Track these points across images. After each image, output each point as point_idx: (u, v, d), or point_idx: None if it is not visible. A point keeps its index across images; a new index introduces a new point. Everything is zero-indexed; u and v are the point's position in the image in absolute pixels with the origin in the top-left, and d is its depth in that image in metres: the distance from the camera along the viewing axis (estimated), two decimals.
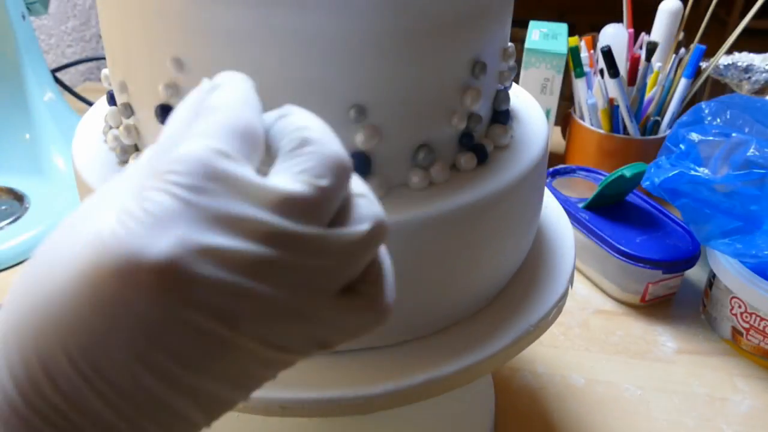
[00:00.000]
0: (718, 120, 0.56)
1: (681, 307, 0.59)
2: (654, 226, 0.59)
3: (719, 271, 0.53)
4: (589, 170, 0.68)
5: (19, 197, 0.67)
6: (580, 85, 0.72)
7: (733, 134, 0.54)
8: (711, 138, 0.54)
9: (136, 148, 0.33)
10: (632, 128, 0.70)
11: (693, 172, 0.52)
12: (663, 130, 0.70)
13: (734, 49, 0.73)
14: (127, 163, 0.33)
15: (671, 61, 0.69)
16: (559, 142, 0.84)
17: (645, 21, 0.79)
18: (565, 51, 0.71)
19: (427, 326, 0.33)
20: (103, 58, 0.33)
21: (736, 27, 0.65)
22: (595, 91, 0.70)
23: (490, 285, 0.34)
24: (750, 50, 0.77)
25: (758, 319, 0.50)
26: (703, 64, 0.71)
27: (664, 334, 0.55)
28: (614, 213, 0.61)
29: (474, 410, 0.46)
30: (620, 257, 0.56)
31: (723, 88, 0.79)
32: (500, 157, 0.33)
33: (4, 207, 0.66)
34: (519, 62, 0.71)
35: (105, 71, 0.34)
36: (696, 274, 0.61)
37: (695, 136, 0.55)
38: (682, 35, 0.71)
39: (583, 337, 0.55)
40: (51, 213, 0.65)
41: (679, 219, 0.59)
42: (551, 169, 0.67)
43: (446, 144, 0.31)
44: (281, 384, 0.30)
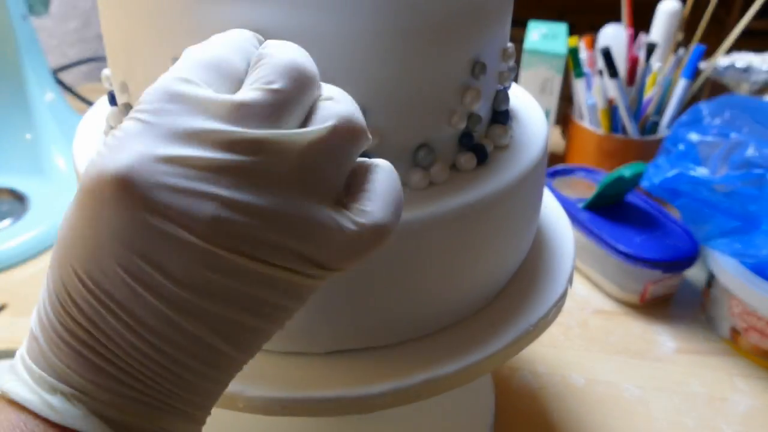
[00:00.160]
0: (717, 120, 0.56)
1: (680, 306, 0.59)
2: (653, 226, 0.59)
3: (718, 270, 0.53)
4: (588, 170, 0.68)
5: (19, 197, 0.67)
6: (580, 86, 0.72)
7: (732, 134, 0.54)
8: (710, 138, 0.54)
9: None
10: (631, 128, 0.70)
11: (692, 172, 0.52)
12: (662, 131, 0.70)
13: (733, 49, 0.73)
14: None
15: (670, 61, 0.69)
16: (558, 142, 0.84)
17: (644, 21, 0.79)
18: (565, 52, 0.71)
19: (427, 326, 0.33)
20: (104, 58, 0.33)
21: (735, 27, 0.65)
22: (594, 91, 0.70)
23: (490, 285, 0.35)
24: (749, 51, 0.77)
25: (757, 318, 0.50)
26: (703, 65, 0.71)
27: (663, 334, 0.55)
28: (613, 213, 0.61)
29: (474, 410, 0.46)
30: (619, 257, 0.56)
31: (722, 88, 0.79)
32: (500, 157, 0.33)
33: (4, 207, 0.66)
34: (518, 62, 0.71)
35: (105, 71, 0.34)
36: (695, 273, 0.62)
37: (694, 137, 0.55)
38: (681, 35, 0.71)
39: (583, 337, 0.55)
40: (51, 213, 0.65)
41: (678, 219, 0.59)
42: (551, 169, 0.67)
43: (446, 144, 0.31)
44: (281, 384, 0.30)
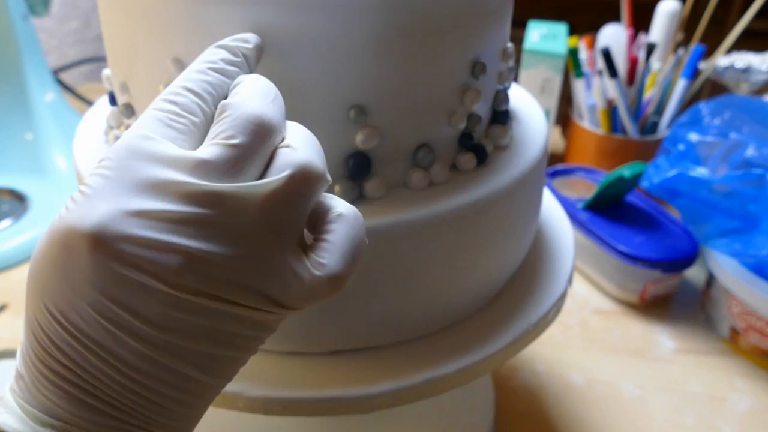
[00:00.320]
0: (717, 120, 0.56)
1: (680, 306, 0.59)
2: (653, 226, 0.59)
3: (718, 270, 0.54)
4: (588, 170, 0.68)
5: (19, 197, 0.67)
6: (580, 86, 0.72)
7: (732, 134, 0.54)
8: (709, 138, 0.54)
9: None
10: (631, 128, 0.70)
11: (691, 173, 0.52)
12: (662, 131, 0.71)
13: (733, 49, 0.73)
14: None
15: (670, 61, 0.69)
16: (558, 142, 0.84)
17: (644, 21, 0.79)
18: (565, 52, 0.71)
19: (427, 326, 0.33)
20: (104, 58, 0.33)
21: (734, 27, 0.65)
22: (594, 91, 0.70)
23: (489, 285, 0.35)
24: (749, 51, 0.77)
25: (756, 318, 0.51)
26: (702, 65, 0.71)
27: (662, 334, 0.56)
28: (613, 213, 0.61)
29: (474, 410, 0.46)
30: (619, 257, 0.56)
31: (722, 88, 0.79)
32: (500, 157, 0.33)
33: (4, 207, 0.66)
34: (518, 62, 0.71)
35: (106, 72, 0.34)
36: (695, 273, 0.62)
37: (694, 137, 0.55)
38: (681, 35, 0.71)
39: (583, 337, 0.55)
40: (52, 213, 0.65)
41: (678, 219, 0.60)
42: (551, 169, 0.67)
43: (446, 144, 0.31)
44: (281, 384, 0.30)
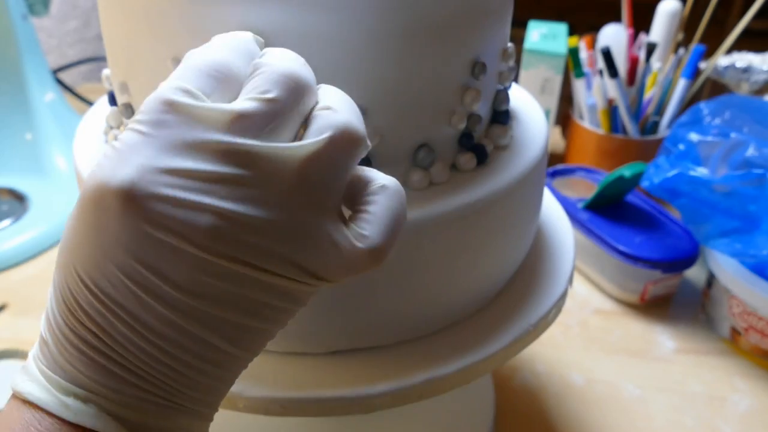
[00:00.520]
0: (717, 120, 0.56)
1: (680, 306, 0.59)
2: (653, 226, 0.59)
3: (718, 270, 0.53)
4: (588, 170, 0.68)
5: (19, 197, 0.67)
6: (580, 86, 0.72)
7: (732, 134, 0.54)
8: (710, 138, 0.54)
9: None
10: (631, 128, 0.70)
11: (692, 172, 0.52)
12: (662, 131, 0.70)
13: (733, 49, 0.73)
14: None
15: (670, 61, 0.69)
16: (558, 142, 0.84)
17: (644, 21, 0.79)
18: (565, 52, 0.71)
19: (427, 326, 0.33)
20: (104, 58, 0.33)
21: (734, 27, 0.65)
22: (594, 91, 0.70)
23: (489, 285, 0.35)
24: (749, 51, 0.77)
25: (757, 318, 0.51)
26: (702, 65, 0.71)
27: (663, 334, 0.56)
28: (613, 213, 0.61)
29: (474, 410, 0.46)
30: (619, 257, 0.56)
31: (722, 88, 0.79)
32: (500, 157, 0.33)
33: (4, 207, 0.66)
34: (518, 62, 0.71)
35: (105, 71, 0.34)
36: (695, 273, 0.62)
37: (694, 137, 0.55)
38: (681, 36, 0.71)
39: (583, 337, 0.55)
40: (52, 213, 0.65)
41: (678, 219, 0.59)
42: (551, 169, 0.67)
43: (446, 144, 0.31)
44: (281, 384, 0.30)
